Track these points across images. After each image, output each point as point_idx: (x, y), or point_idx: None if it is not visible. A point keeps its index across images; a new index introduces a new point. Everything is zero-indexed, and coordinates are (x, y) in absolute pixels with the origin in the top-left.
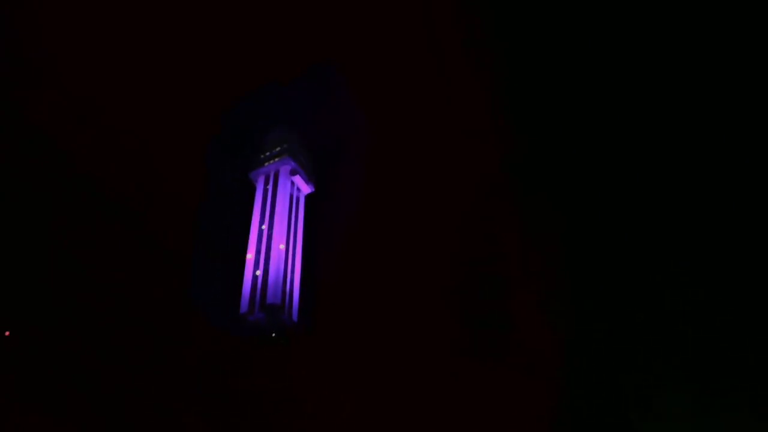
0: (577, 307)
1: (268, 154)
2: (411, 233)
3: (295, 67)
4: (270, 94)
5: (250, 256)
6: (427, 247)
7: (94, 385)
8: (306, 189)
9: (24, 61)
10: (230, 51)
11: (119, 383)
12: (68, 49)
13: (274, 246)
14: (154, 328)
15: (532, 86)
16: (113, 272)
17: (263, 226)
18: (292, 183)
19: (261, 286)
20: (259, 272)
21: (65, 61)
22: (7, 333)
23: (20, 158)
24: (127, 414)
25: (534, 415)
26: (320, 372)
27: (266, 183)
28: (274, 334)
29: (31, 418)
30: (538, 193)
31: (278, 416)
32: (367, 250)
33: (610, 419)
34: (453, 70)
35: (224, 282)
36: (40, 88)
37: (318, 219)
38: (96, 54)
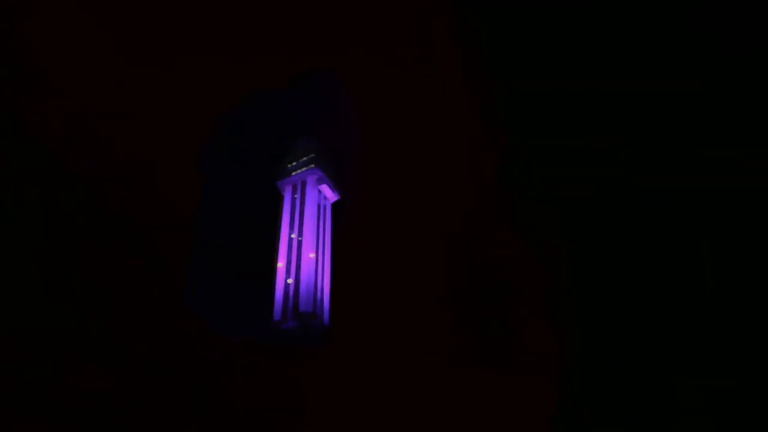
0: (579, 310)
1: (294, 164)
2: (419, 241)
3: (297, 73)
4: (270, 101)
5: (281, 264)
6: (435, 254)
7: (99, 395)
8: (332, 197)
9: (21, 66)
10: (234, 54)
11: (124, 392)
12: (65, 53)
13: (304, 254)
14: (160, 336)
15: (533, 93)
16: (114, 279)
17: (293, 235)
18: (319, 191)
19: (293, 295)
20: (290, 280)
21: (62, 66)
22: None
23: (15, 165)
24: (132, 424)
25: (537, 418)
26: (328, 380)
27: (294, 192)
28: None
29: (30, 426)
30: (538, 198)
31: (284, 425)
32: (373, 260)
33: (612, 422)
34: (457, 77)
35: (237, 289)
36: (36, 92)
37: (340, 226)
38: (94, 59)
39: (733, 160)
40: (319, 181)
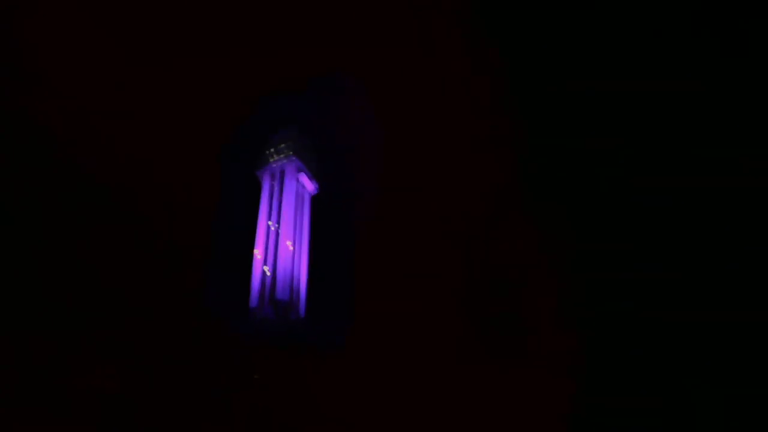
0: (593, 307)
1: (273, 151)
2: (421, 235)
3: (304, 70)
4: (281, 95)
5: (258, 253)
6: (439, 250)
7: (106, 390)
8: (311, 187)
9: (21, 66)
10: (233, 54)
11: (132, 388)
12: (65, 53)
13: (282, 243)
14: (170, 331)
15: (532, 94)
16: (126, 275)
17: (270, 223)
18: (298, 181)
19: (270, 283)
20: (267, 269)
21: (62, 66)
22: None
23: (32, 168)
24: (142, 421)
25: (549, 414)
26: (341, 378)
27: (272, 180)
28: (283, 330)
29: (41, 426)
30: (548, 194)
31: (294, 420)
32: (377, 253)
33: (627, 417)
34: (464, 75)
35: (236, 281)
36: (36, 92)
37: (322, 217)
38: (94, 59)
39: (733, 160)
40: (298, 171)
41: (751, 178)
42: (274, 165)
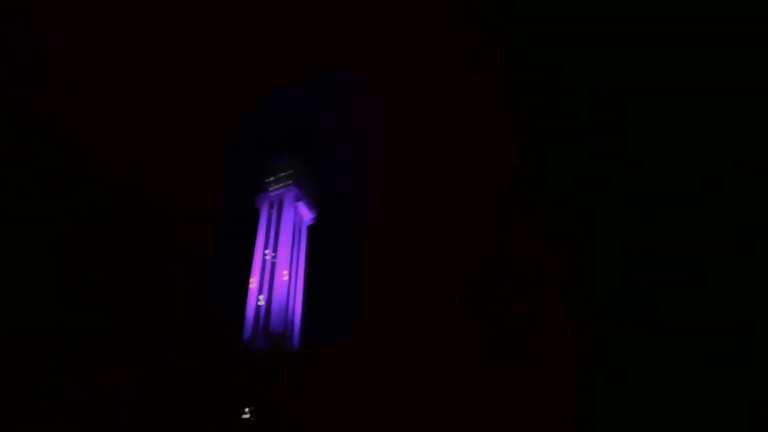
0: (598, 304)
1: (273, 179)
2: (426, 240)
3: (304, 70)
4: (281, 95)
5: (253, 283)
6: (444, 252)
7: (110, 392)
8: (309, 216)
9: (26, 66)
10: (241, 54)
11: (133, 388)
12: (68, 53)
13: (278, 274)
14: (171, 331)
15: (549, 90)
16: (127, 275)
17: (266, 252)
18: (296, 210)
19: (264, 314)
20: (262, 300)
21: (67, 66)
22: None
23: (33, 168)
24: (143, 421)
25: (556, 413)
26: (341, 381)
27: (270, 209)
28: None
29: (48, 425)
30: (554, 193)
31: (294, 420)
32: (378, 254)
33: (634, 417)
34: (466, 75)
35: (237, 281)
36: (50, 94)
37: (319, 242)
38: (97, 59)
39: (732, 160)
40: (297, 199)
41: (752, 178)
42: (273, 193)
